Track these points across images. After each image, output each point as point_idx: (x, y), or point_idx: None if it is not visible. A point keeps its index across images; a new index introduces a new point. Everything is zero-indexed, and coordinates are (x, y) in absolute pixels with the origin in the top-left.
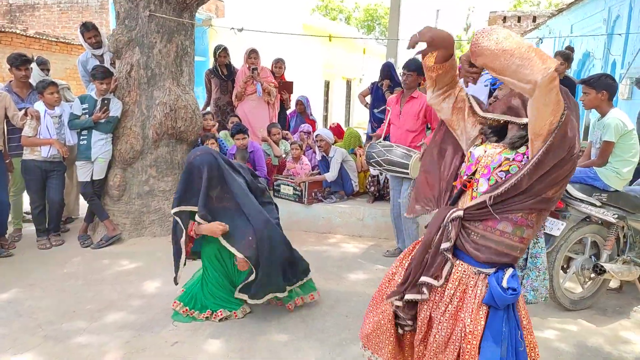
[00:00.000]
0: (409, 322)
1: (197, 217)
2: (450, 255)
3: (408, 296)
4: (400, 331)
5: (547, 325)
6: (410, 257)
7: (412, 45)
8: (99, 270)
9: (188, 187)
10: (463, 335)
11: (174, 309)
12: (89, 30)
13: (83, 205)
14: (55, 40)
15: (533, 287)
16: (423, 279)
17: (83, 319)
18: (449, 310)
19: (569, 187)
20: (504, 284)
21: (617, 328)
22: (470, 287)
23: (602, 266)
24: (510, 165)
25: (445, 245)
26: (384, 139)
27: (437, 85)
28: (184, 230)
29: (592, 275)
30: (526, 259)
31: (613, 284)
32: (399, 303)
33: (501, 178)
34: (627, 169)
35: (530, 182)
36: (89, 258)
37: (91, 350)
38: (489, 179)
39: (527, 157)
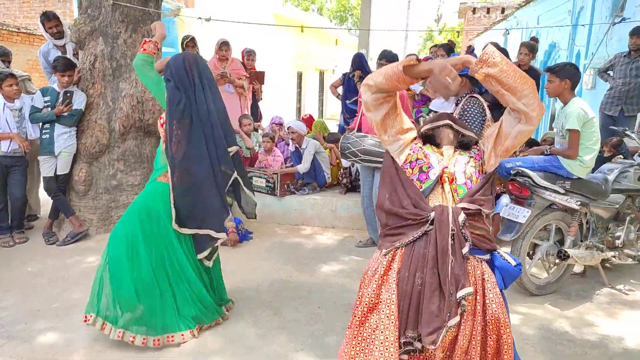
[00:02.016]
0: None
1: None
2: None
3: (451, 322)
4: (405, 357)
5: (514, 310)
6: (397, 276)
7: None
8: (65, 268)
9: None
10: (495, 327)
11: None
12: (49, 19)
13: (46, 202)
14: (17, 30)
15: None
16: (463, 292)
17: (48, 318)
18: (470, 307)
19: (534, 175)
20: (512, 262)
21: (581, 311)
22: (478, 277)
23: (566, 252)
24: (475, 162)
25: (467, 249)
26: (357, 131)
27: (384, 90)
28: None
29: (557, 260)
30: None
31: (577, 268)
32: (441, 335)
33: (472, 173)
34: (589, 157)
35: None
36: (54, 255)
37: (57, 350)
38: (464, 173)
39: (481, 157)
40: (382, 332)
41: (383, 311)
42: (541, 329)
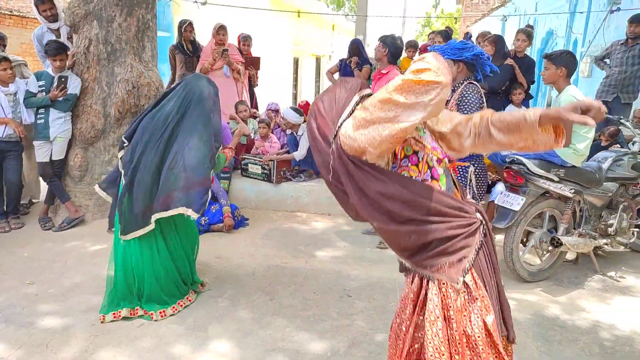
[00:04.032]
0: None
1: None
2: None
3: None
4: None
5: (507, 297)
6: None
7: None
8: (62, 253)
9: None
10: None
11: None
12: (43, 2)
13: (45, 186)
14: (9, 13)
15: None
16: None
17: (46, 303)
18: None
19: (529, 163)
20: None
21: (573, 297)
22: None
23: (559, 239)
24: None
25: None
26: None
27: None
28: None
29: (550, 248)
30: None
31: (570, 256)
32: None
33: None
34: (582, 145)
35: None
36: (50, 241)
37: (55, 334)
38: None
39: None
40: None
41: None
42: (533, 314)
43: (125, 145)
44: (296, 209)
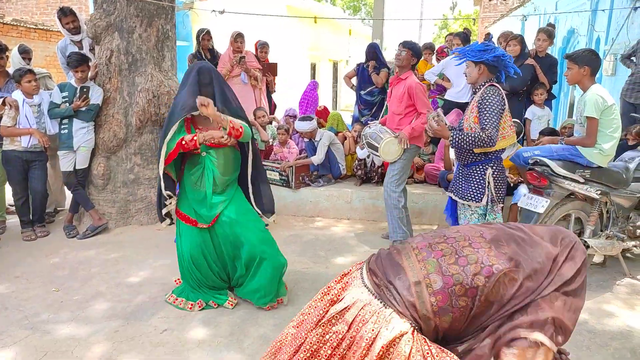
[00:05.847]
0: None
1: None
2: None
3: None
4: None
5: None
6: None
7: None
8: (86, 260)
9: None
10: None
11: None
12: (66, 15)
13: (69, 195)
14: (34, 27)
15: None
16: None
17: (70, 310)
18: None
19: (553, 164)
20: None
21: (601, 302)
22: None
23: (585, 242)
24: None
25: None
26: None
27: None
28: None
29: None
30: None
31: (597, 258)
32: None
33: None
34: (608, 145)
35: None
36: (75, 248)
37: (79, 341)
38: None
39: None
40: None
41: None
42: None
43: None
44: (315, 214)
